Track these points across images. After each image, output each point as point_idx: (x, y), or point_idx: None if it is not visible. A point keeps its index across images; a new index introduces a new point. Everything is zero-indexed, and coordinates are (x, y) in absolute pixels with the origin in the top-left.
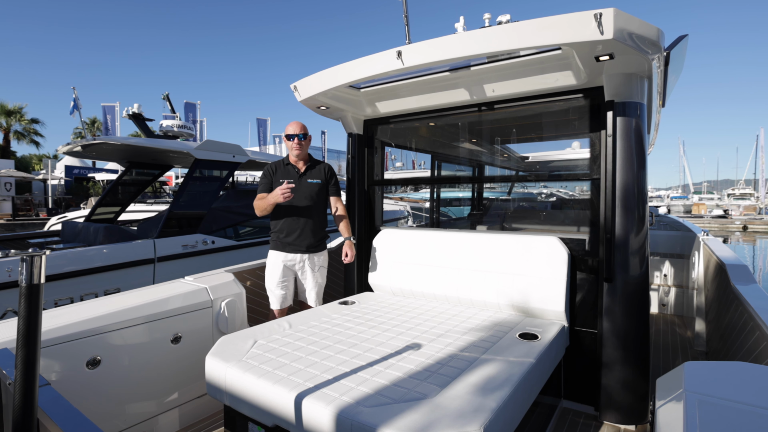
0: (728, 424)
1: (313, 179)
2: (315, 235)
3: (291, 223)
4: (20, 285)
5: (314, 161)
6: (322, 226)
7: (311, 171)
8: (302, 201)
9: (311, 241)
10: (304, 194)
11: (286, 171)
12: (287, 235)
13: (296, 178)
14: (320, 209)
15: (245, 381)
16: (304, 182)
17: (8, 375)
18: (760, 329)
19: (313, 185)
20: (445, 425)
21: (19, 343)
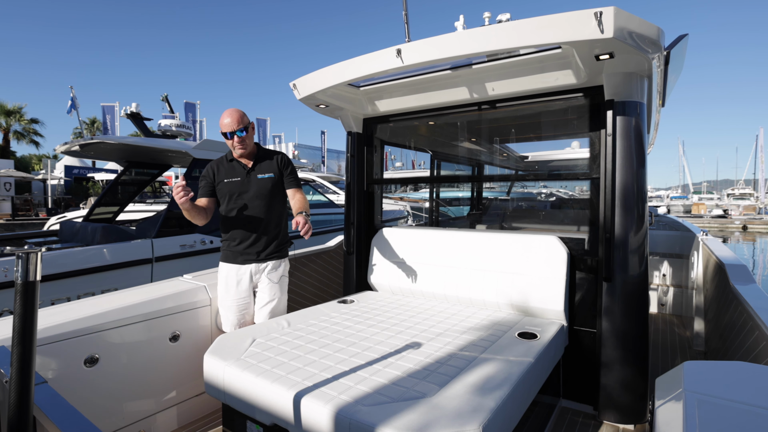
0: (728, 423)
1: (263, 174)
2: (272, 240)
3: (242, 228)
4: (16, 282)
5: (264, 152)
6: (281, 228)
7: (261, 165)
8: (253, 201)
9: (268, 247)
10: (255, 193)
11: (230, 168)
12: (239, 243)
13: (243, 176)
14: (277, 208)
15: (244, 379)
16: (254, 179)
17: (5, 373)
18: (759, 329)
19: (265, 181)
20: (444, 424)
21: (14, 341)
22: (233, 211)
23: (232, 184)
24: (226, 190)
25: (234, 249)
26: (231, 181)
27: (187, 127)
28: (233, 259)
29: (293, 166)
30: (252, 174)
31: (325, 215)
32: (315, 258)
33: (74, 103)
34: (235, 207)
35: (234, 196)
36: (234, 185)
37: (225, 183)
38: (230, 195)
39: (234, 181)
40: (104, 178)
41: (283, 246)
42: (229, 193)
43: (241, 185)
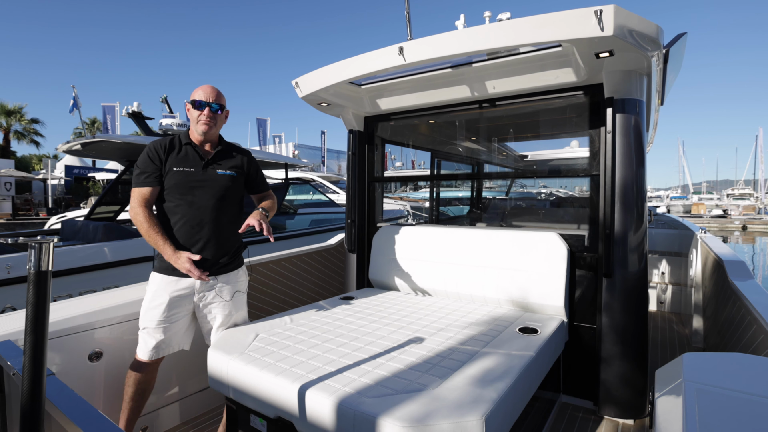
0: (727, 412)
1: (224, 169)
2: (228, 247)
3: (190, 232)
4: (29, 272)
5: (228, 145)
6: (236, 235)
7: (222, 159)
8: (207, 200)
9: (223, 256)
10: (211, 190)
11: (183, 155)
12: (187, 250)
13: (199, 167)
14: (234, 211)
15: (248, 373)
16: (212, 173)
17: (12, 366)
18: (757, 323)
19: (225, 178)
20: (446, 414)
21: (27, 330)
22: (179, 208)
23: (185, 175)
24: (174, 181)
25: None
26: (182, 170)
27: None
28: (173, 271)
29: (259, 166)
30: (210, 167)
31: (326, 214)
32: (316, 256)
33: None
34: (182, 203)
35: (183, 189)
36: (185, 176)
37: (175, 172)
38: (180, 189)
39: (186, 171)
40: (105, 177)
41: (239, 253)
42: (178, 185)
43: (194, 177)
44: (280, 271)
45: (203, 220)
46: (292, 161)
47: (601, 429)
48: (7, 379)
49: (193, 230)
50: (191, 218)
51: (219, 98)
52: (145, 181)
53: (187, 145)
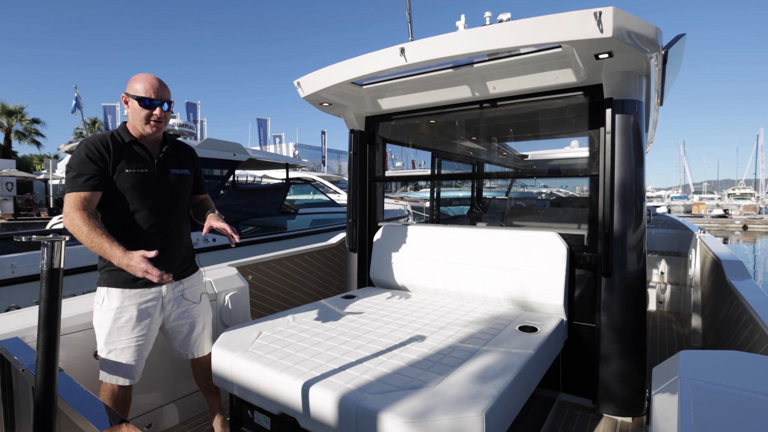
0: (722, 408)
1: (178, 169)
2: (186, 250)
3: (149, 240)
4: (41, 269)
5: (173, 141)
6: (190, 235)
7: (173, 156)
8: (167, 202)
9: (184, 260)
10: (167, 193)
11: (132, 154)
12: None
13: (152, 167)
14: (187, 212)
15: (252, 370)
16: (165, 173)
17: (21, 362)
18: (753, 321)
19: (181, 178)
20: (446, 410)
21: (40, 326)
22: (139, 214)
23: (139, 177)
24: (128, 184)
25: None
26: (136, 172)
27: (190, 126)
28: (131, 283)
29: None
30: (164, 166)
31: (327, 214)
32: (317, 255)
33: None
34: (141, 208)
35: (141, 193)
36: (141, 179)
37: (128, 174)
38: (134, 192)
39: (140, 173)
40: None
41: (194, 258)
42: (132, 188)
43: (149, 180)
44: (282, 270)
45: (166, 224)
46: (293, 161)
47: (599, 427)
48: (16, 375)
49: (156, 236)
50: (152, 223)
51: (168, 93)
52: (85, 185)
53: (133, 144)
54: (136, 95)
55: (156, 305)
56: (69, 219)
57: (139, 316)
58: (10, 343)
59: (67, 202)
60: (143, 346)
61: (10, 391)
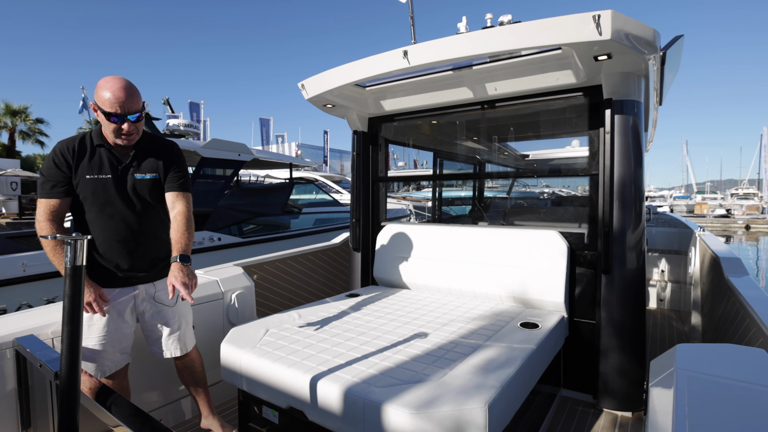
0: (715, 397)
1: (144, 173)
2: (160, 250)
3: (114, 246)
4: (65, 266)
5: (150, 142)
6: (166, 236)
7: (142, 159)
8: (128, 210)
9: (156, 262)
10: (129, 199)
11: (96, 160)
12: (111, 266)
13: (115, 173)
14: (160, 215)
15: (260, 365)
16: (130, 179)
17: (39, 358)
18: (750, 317)
19: (143, 183)
20: (450, 399)
21: (64, 320)
22: (99, 221)
23: (99, 183)
24: (88, 191)
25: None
26: (97, 178)
27: (195, 126)
28: (106, 281)
29: (184, 162)
30: (129, 172)
31: (330, 213)
32: (321, 254)
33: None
34: (101, 216)
35: (100, 200)
36: (100, 185)
37: (88, 180)
38: (94, 198)
39: (101, 179)
40: None
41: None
42: (92, 194)
43: (110, 186)
44: (286, 270)
45: (127, 232)
46: (296, 161)
47: (600, 421)
48: (31, 372)
49: (119, 244)
50: (114, 232)
51: (137, 102)
52: (51, 192)
53: (100, 147)
54: (103, 109)
55: (126, 305)
56: (38, 226)
57: (109, 315)
58: (26, 340)
59: (38, 209)
60: (114, 342)
61: (26, 387)
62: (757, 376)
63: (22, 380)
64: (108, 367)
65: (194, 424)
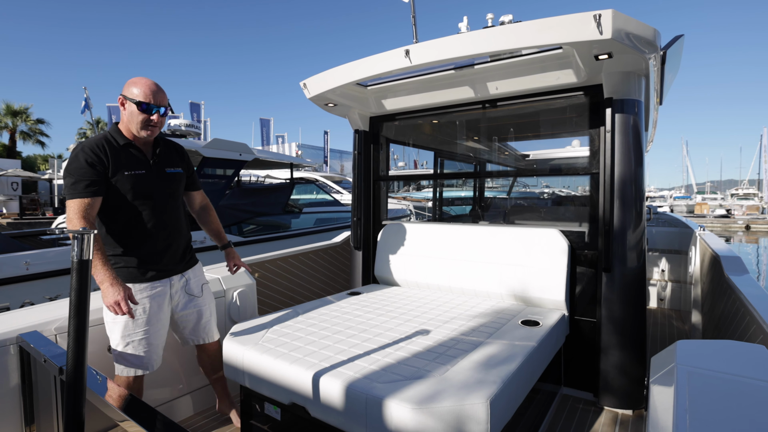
0: (716, 392)
1: (172, 168)
2: (186, 242)
3: (152, 237)
4: (72, 261)
5: (164, 141)
6: (188, 225)
7: (165, 155)
8: (165, 201)
9: (184, 253)
10: (168, 191)
11: (128, 156)
12: (151, 258)
13: (148, 168)
14: (183, 208)
15: (263, 362)
16: (162, 173)
17: (43, 353)
18: (750, 314)
19: (175, 177)
20: (452, 394)
21: (71, 314)
22: (141, 214)
23: (137, 178)
24: (128, 186)
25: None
26: (135, 174)
27: (196, 126)
28: (139, 277)
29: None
30: (159, 166)
31: (330, 213)
32: (322, 253)
33: (88, 103)
34: (143, 208)
35: (140, 194)
36: (139, 180)
37: (127, 176)
38: (134, 193)
39: (138, 174)
40: None
41: (192, 249)
42: (132, 189)
43: (147, 180)
44: (288, 268)
45: (166, 222)
46: (297, 161)
47: (600, 419)
48: (35, 367)
49: (159, 233)
50: (154, 222)
51: (165, 98)
52: (86, 191)
53: (128, 147)
54: (135, 99)
55: (165, 297)
56: (70, 225)
57: (152, 308)
58: (30, 336)
59: (70, 209)
60: (158, 336)
61: (29, 383)
62: (757, 371)
63: (26, 376)
64: (155, 362)
65: (196, 421)
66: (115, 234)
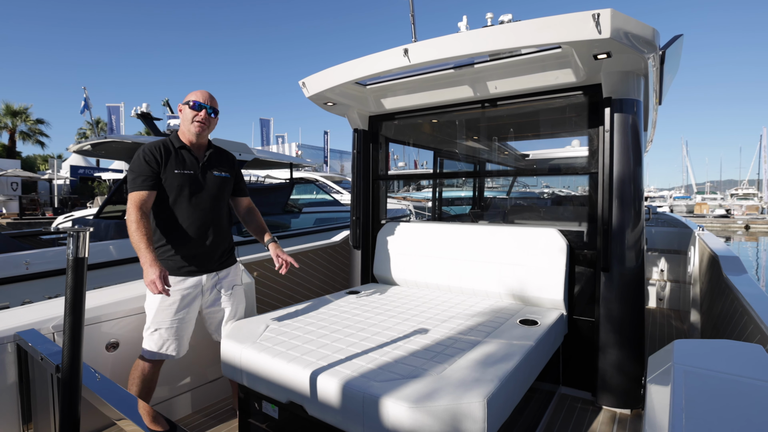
0: (712, 391)
1: (220, 172)
2: (224, 244)
3: (193, 233)
4: (68, 258)
5: (217, 148)
6: (230, 234)
7: (215, 161)
8: (207, 200)
9: (222, 253)
10: (211, 192)
11: (180, 158)
12: (189, 253)
13: (197, 170)
14: (226, 210)
15: (260, 360)
16: (210, 175)
17: (40, 351)
18: (747, 314)
19: (220, 180)
20: (449, 392)
21: (66, 311)
22: (184, 210)
23: (185, 177)
24: (176, 183)
25: (177, 258)
26: (184, 173)
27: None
28: (177, 271)
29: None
30: (207, 170)
31: (330, 213)
32: (321, 252)
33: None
34: (186, 205)
35: (187, 192)
36: (187, 179)
37: (176, 175)
38: (181, 190)
39: (187, 174)
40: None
41: (232, 252)
42: (179, 187)
43: (195, 180)
44: None
45: (206, 220)
46: (297, 161)
47: (598, 418)
48: (32, 364)
49: (199, 230)
50: (196, 219)
51: (214, 103)
52: (143, 185)
53: (182, 149)
54: (187, 101)
55: (196, 292)
56: (127, 214)
57: (182, 301)
58: (27, 334)
59: (129, 200)
60: (184, 327)
61: (27, 382)
62: (753, 370)
63: (23, 375)
64: (179, 349)
65: (195, 419)
66: (162, 226)
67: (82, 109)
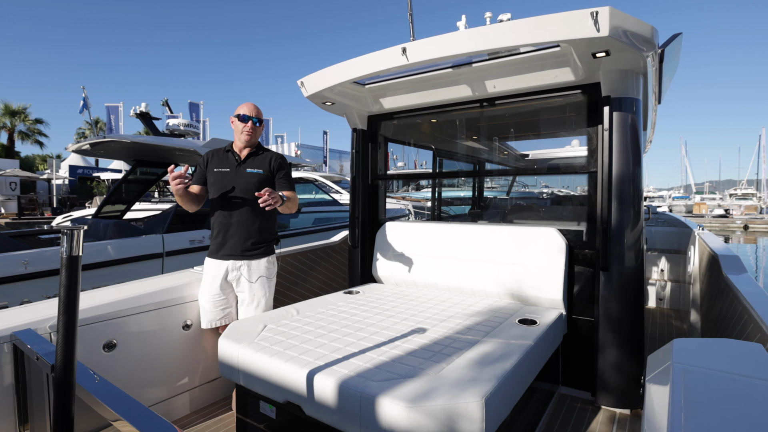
0: (712, 390)
1: (253, 169)
2: (251, 237)
3: (223, 222)
4: (62, 257)
5: (262, 150)
6: (264, 226)
7: (253, 159)
8: (236, 193)
9: (246, 243)
10: (241, 187)
11: (223, 159)
12: (220, 237)
13: (233, 167)
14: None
15: (258, 360)
16: (242, 172)
17: (36, 351)
18: (747, 313)
19: (252, 176)
20: (447, 395)
21: (60, 310)
22: (217, 200)
23: (221, 174)
24: (213, 180)
25: (217, 244)
26: (220, 171)
27: (194, 126)
28: (214, 253)
29: (289, 169)
30: (242, 167)
31: (329, 212)
32: (320, 252)
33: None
34: (219, 196)
35: (220, 186)
36: (222, 176)
37: (215, 172)
38: (217, 185)
39: (223, 171)
40: (110, 177)
41: (263, 245)
42: (215, 182)
43: (228, 176)
44: (285, 267)
45: (232, 209)
46: (296, 161)
47: (598, 418)
48: (28, 364)
49: (225, 218)
50: (223, 208)
51: (259, 114)
52: (196, 180)
53: (228, 152)
54: (237, 114)
55: (220, 274)
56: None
57: (211, 281)
58: (23, 334)
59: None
60: (215, 303)
61: (23, 382)
62: (753, 369)
63: (20, 375)
64: (209, 319)
65: (193, 420)
66: (211, 215)
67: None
